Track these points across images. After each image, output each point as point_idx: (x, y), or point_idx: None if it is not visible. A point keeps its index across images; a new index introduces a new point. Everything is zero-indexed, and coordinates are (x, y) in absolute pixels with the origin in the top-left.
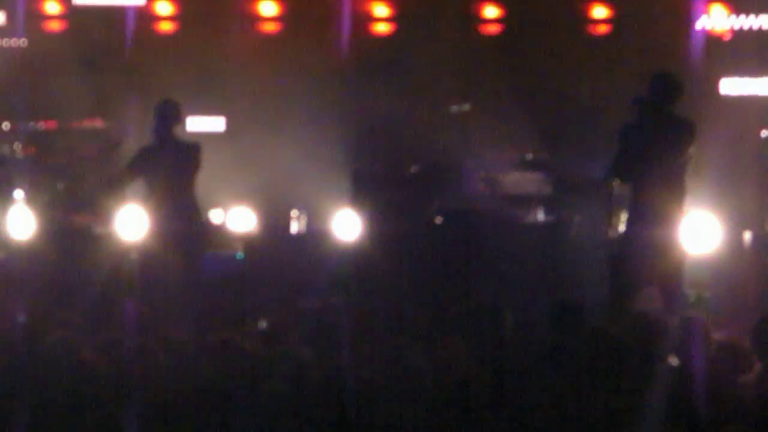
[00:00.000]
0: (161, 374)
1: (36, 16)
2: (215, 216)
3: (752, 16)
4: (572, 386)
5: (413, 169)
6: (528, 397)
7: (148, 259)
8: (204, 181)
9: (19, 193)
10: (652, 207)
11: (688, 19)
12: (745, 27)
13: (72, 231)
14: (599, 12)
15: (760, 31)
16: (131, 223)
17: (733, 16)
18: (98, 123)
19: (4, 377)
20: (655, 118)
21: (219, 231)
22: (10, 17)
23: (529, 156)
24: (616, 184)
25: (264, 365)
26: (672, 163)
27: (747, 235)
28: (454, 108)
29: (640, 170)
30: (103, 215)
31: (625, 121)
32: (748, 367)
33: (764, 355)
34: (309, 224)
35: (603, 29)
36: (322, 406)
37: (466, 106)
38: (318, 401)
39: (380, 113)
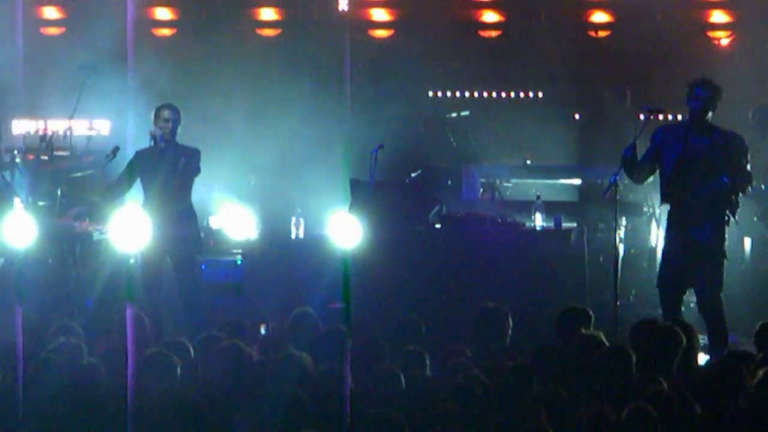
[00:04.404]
0: (165, 379)
1: (35, 20)
2: (214, 221)
3: None
4: (571, 392)
5: (413, 174)
6: (528, 403)
7: (147, 264)
8: (204, 186)
9: (18, 199)
10: (692, 220)
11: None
12: None
13: (71, 236)
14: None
15: None
16: (130, 228)
17: None
18: (97, 128)
19: (5, 383)
20: (700, 128)
21: (218, 236)
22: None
23: (529, 161)
24: (620, 189)
25: (264, 370)
26: (713, 178)
27: (747, 241)
28: (454, 114)
29: (682, 183)
30: (102, 220)
31: (660, 125)
32: (751, 373)
33: (763, 360)
34: (308, 230)
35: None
36: (322, 411)
37: (466, 112)
38: (318, 406)
39: (379, 118)
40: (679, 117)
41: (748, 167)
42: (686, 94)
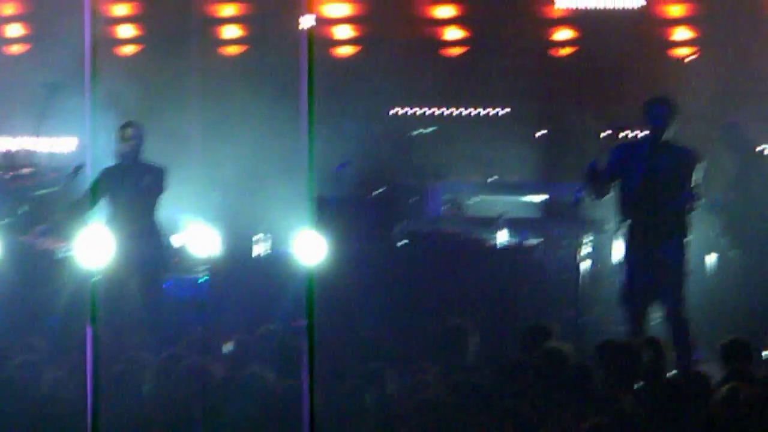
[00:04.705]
0: (129, 397)
1: None
2: (178, 239)
3: None
4: (534, 407)
5: (378, 191)
6: (492, 420)
7: (111, 281)
8: (168, 203)
9: None
10: (655, 236)
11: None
12: None
13: (34, 254)
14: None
15: None
16: (94, 246)
17: None
18: (61, 145)
19: None
20: (661, 145)
21: (182, 254)
22: None
23: (494, 178)
24: (584, 205)
25: (228, 388)
26: (676, 194)
27: (710, 257)
28: (418, 131)
29: (640, 200)
30: (65, 238)
31: (617, 144)
32: (713, 389)
33: (731, 376)
34: (273, 247)
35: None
36: (285, 429)
37: (430, 129)
38: (282, 424)
39: (343, 136)
40: (644, 133)
41: (701, 183)
42: (644, 112)
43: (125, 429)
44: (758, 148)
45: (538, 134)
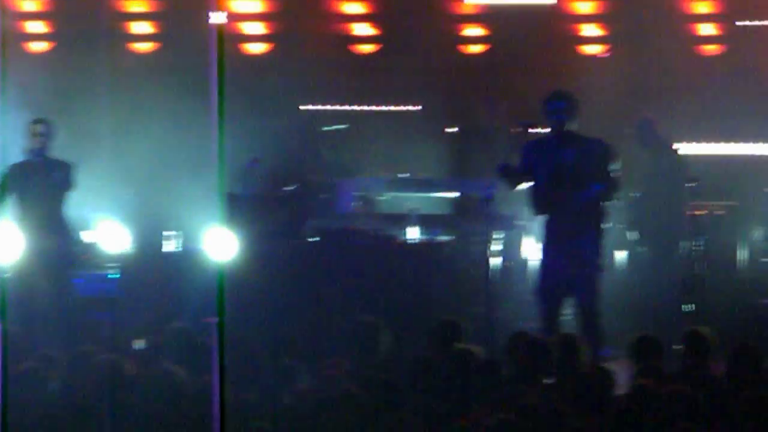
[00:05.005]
0: (38, 394)
1: None
2: (88, 235)
3: None
4: (445, 404)
5: (288, 188)
6: (403, 415)
7: (20, 278)
8: (78, 200)
9: None
10: (568, 231)
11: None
12: None
13: None
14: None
15: None
16: (2, 242)
17: None
18: None
19: None
20: (567, 139)
21: (92, 251)
22: None
23: (405, 175)
24: (494, 202)
25: (138, 385)
26: (587, 187)
27: (620, 253)
28: (330, 127)
29: (551, 195)
30: None
31: (527, 141)
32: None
33: (641, 372)
34: (183, 244)
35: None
36: (196, 426)
37: (342, 126)
38: (192, 421)
39: (254, 132)
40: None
41: (616, 172)
42: (543, 108)
43: (35, 426)
44: (670, 145)
45: (448, 131)
